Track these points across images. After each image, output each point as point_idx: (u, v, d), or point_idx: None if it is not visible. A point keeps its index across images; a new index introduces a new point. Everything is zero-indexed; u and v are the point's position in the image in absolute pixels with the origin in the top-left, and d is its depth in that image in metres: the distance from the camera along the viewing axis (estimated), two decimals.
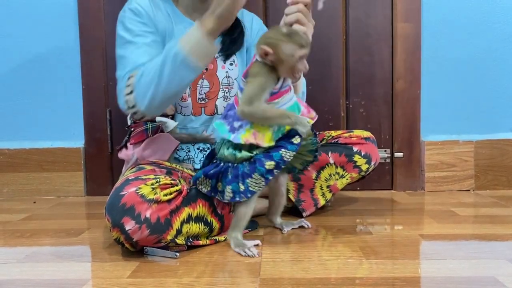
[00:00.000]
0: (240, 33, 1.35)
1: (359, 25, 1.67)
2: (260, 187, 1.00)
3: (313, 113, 1.06)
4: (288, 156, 0.99)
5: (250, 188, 0.99)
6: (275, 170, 0.99)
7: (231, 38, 1.32)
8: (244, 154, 1.00)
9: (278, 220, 1.18)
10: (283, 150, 0.99)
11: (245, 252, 0.99)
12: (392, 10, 1.67)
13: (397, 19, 1.65)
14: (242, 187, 1.00)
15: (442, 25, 1.66)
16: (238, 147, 1.01)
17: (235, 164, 1.01)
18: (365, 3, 1.66)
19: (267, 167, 0.98)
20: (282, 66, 0.98)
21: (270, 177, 0.99)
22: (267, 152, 1.00)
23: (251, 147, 1.00)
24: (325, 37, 1.67)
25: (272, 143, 0.99)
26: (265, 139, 0.99)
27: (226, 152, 1.01)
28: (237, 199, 1.00)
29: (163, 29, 1.25)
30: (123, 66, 1.17)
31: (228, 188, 1.00)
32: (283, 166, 1.00)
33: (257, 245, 1.04)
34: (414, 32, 1.66)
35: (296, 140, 1.00)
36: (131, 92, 1.10)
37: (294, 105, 1.03)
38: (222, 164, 1.03)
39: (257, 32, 1.40)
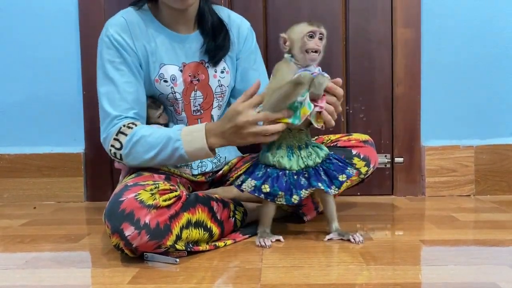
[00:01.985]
0: (225, 37, 1.31)
1: (359, 31, 1.68)
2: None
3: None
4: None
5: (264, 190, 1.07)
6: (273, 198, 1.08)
7: (215, 45, 1.29)
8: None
9: (333, 226, 1.15)
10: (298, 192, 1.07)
11: (258, 242, 1.08)
12: (392, 16, 1.67)
13: (397, 24, 1.66)
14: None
15: (442, 31, 1.67)
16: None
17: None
18: (365, 8, 1.67)
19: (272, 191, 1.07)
20: (294, 48, 1.07)
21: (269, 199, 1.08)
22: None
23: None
24: None
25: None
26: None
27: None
28: (256, 194, 1.08)
29: (143, 51, 1.23)
30: (108, 107, 1.18)
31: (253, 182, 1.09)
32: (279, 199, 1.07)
33: (278, 240, 1.12)
34: (414, 37, 1.66)
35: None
36: (120, 148, 1.14)
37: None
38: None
39: (244, 39, 1.36)
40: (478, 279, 0.86)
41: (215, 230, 1.09)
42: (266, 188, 1.07)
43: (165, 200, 0.99)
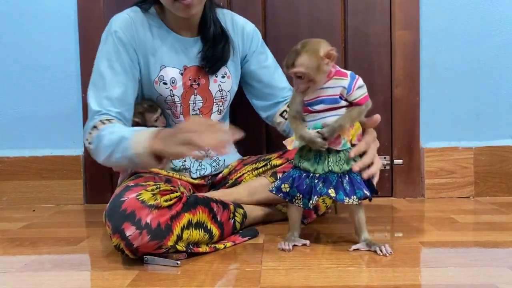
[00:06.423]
0: (224, 47, 1.31)
1: (358, 33, 1.68)
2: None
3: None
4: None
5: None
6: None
7: (213, 54, 1.29)
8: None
9: (362, 237, 1.08)
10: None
11: (280, 245, 1.07)
12: (390, 18, 1.67)
13: (395, 26, 1.66)
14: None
15: (441, 33, 1.67)
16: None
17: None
18: (364, 11, 1.67)
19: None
20: None
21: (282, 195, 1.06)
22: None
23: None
24: None
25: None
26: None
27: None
28: (274, 192, 1.07)
29: (144, 51, 1.24)
30: (92, 101, 1.20)
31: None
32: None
33: (304, 244, 1.09)
34: (413, 40, 1.66)
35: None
36: (90, 142, 1.16)
37: (318, 125, 1.04)
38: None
39: (250, 41, 1.38)
40: (477, 280, 0.87)
41: (215, 231, 1.09)
42: (286, 187, 1.06)
43: (166, 201, 0.99)
